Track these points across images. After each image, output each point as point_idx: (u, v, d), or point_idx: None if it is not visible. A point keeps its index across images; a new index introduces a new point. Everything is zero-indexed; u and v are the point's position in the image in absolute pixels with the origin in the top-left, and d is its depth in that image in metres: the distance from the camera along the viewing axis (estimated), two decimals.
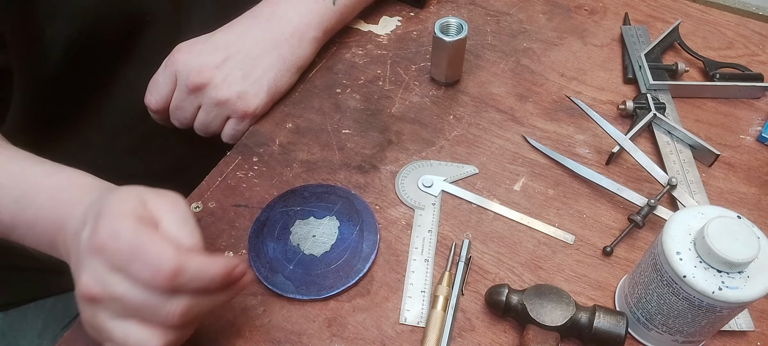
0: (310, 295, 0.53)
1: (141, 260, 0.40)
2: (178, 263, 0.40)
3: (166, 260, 0.40)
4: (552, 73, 0.71)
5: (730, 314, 0.44)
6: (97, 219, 0.42)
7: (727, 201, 0.60)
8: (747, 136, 0.65)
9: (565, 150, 0.64)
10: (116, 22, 0.61)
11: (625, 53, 0.72)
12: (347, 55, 0.73)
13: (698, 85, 0.68)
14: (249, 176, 0.62)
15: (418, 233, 0.57)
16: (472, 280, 0.55)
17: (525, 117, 0.67)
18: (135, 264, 0.40)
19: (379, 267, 0.55)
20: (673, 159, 0.62)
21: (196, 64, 0.61)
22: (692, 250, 0.44)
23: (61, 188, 0.49)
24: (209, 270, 0.42)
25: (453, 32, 0.64)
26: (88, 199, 0.46)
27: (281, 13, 0.65)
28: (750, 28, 0.75)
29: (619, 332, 0.48)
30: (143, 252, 0.40)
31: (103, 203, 0.43)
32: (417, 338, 0.51)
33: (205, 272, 0.41)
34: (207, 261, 0.42)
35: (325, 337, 0.51)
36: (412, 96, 0.69)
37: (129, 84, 0.66)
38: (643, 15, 0.77)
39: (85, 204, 0.46)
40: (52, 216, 0.48)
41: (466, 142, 0.64)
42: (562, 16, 0.77)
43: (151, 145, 0.73)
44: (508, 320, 0.52)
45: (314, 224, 0.57)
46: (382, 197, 0.60)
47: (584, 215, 0.59)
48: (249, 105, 0.63)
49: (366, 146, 0.64)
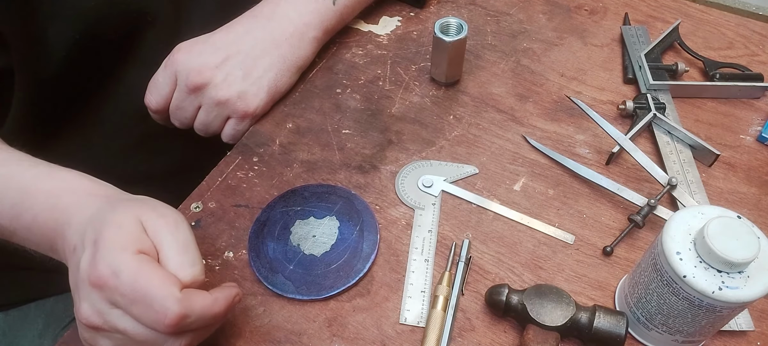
0: (310, 295, 0.53)
1: (143, 305, 0.40)
2: (182, 309, 0.40)
3: (170, 308, 0.40)
4: (552, 73, 0.71)
5: (730, 314, 0.44)
6: (95, 248, 0.41)
7: (727, 201, 0.60)
8: (747, 136, 0.65)
9: (565, 150, 0.64)
10: (117, 23, 0.61)
11: (625, 53, 0.72)
12: (347, 55, 0.73)
13: (698, 85, 0.68)
14: (249, 175, 0.62)
15: (418, 233, 0.57)
16: (472, 280, 0.55)
17: (525, 117, 0.67)
18: (137, 307, 0.40)
19: (379, 267, 0.55)
20: (673, 159, 0.62)
21: (197, 64, 0.61)
22: (692, 250, 0.44)
23: (59, 192, 0.49)
24: (213, 310, 0.42)
25: (453, 32, 0.64)
26: (86, 208, 0.46)
27: (281, 12, 0.65)
28: (750, 28, 0.75)
29: (619, 332, 0.48)
30: (146, 297, 0.40)
31: (102, 227, 0.42)
32: (417, 338, 0.51)
33: (208, 313, 0.42)
34: (210, 301, 0.42)
35: (325, 337, 0.51)
36: (412, 96, 0.69)
37: (129, 84, 0.66)
38: (643, 15, 0.77)
39: (83, 214, 0.45)
40: (50, 221, 0.48)
41: (466, 142, 0.64)
42: (562, 16, 0.77)
43: (152, 146, 0.73)
44: (508, 320, 0.52)
45: (314, 224, 0.57)
46: (382, 197, 0.60)
47: (584, 215, 0.59)
48: (249, 105, 0.63)
49: (366, 146, 0.64)
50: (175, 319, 0.40)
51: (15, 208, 0.49)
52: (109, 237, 0.41)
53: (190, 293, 0.42)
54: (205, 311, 0.42)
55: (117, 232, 0.42)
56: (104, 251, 0.41)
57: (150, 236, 0.43)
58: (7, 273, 0.76)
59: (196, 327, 0.42)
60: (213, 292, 0.44)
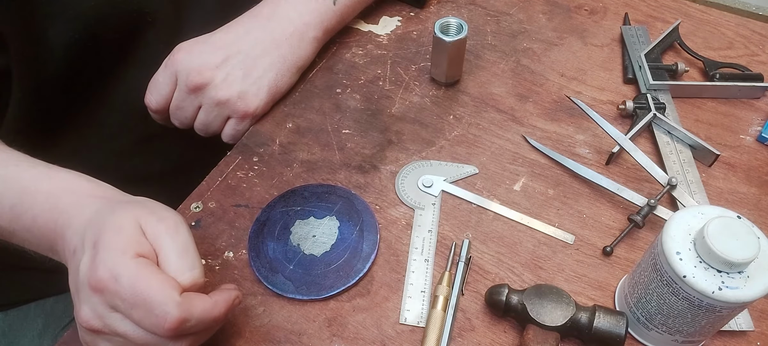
0: (310, 295, 0.53)
1: (143, 309, 0.40)
2: (182, 314, 0.40)
3: (170, 313, 0.40)
4: (552, 73, 0.71)
5: (730, 314, 0.44)
6: (95, 251, 0.41)
7: (727, 201, 0.60)
8: (747, 136, 0.65)
9: (565, 150, 0.64)
10: (117, 23, 0.61)
11: (625, 53, 0.72)
12: (347, 55, 0.73)
13: (698, 85, 0.68)
14: (249, 175, 0.62)
15: (418, 233, 0.57)
16: (472, 280, 0.55)
17: (525, 117, 0.67)
18: (137, 311, 0.40)
19: (379, 267, 0.55)
20: (673, 159, 0.62)
21: (197, 64, 0.61)
22: (692, 250, 0.44)
23: (58, 193, 0.49)
24: (212, 314, 0.42)
25: (453, 32, 0.64)
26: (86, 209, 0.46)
27: (281, 13, 0.65)
28: (750, 28, 0.75)
29: (619, 332, 0.48)
30: (146, 301, 0.40)
31: (101, 230, 0.42)
32: (417, 338, 0.51)
33: (208, 316, 0.42)
34: (210, 305, 0.42)
35: (325, 337, 0.51)
36: (412, 96, 0.69)
37: (129, 84, 0.66)
38: (643, 15, 0.77)
39: (83, 216, 0.45)
40: (49, 223, 0.47)
41: (466, 142, 0.64)
42: (562, 16, 0.77)
43: (152, 146, 0.73)
44: (508, 320, 0.52)
45: (314, 224, 0.57)
46: (382, 197, 0.60)
47: (584, 215, 0.59)
48: (249, 105, 0.63)
49: (366, 146, 0.64)
50: (174, 323, 0.40)
51: (14, 209, 0.49)
52: (109, 240, 0.41)
53: (189, 297, 0.42)
54: (204, 314, 0.42)
55: (116, 235, 0.42)
56: (104, 255, 0.41)
57: (149, 239, 0.43)
58: (7, 273, 0.76)
59: (195, 331, 0.42)
60: (212, 295, 0.44)
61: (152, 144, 0.72)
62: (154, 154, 0.74)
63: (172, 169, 0.74)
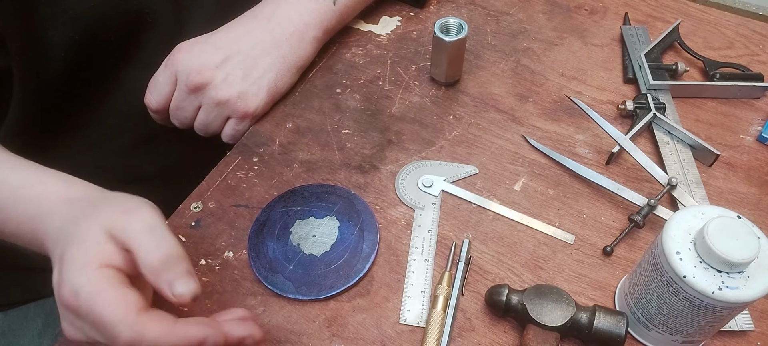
0: (310, 295, 0.53)
1: (99, 327, 0.40)
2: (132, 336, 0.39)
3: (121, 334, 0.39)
4: (552, 73, 0.71)
5: (730, 314, 0.44)
6: (61, 266, 0.41)
7: (727, 201, 0.60)
8: (747, 136, 0.65)
9: (565, 150, 0.64)
10: (117, 23, 0.61)
11: (625, 53, 0.72)
12: (347, 55, 0.73)
13: (698, 85, 0.68)
14: (249, 175, 0.62)
15: (418, 233, 0.57)
16: (472, 280, 0.55)
17: (525, 117, 0.67)
18: (95, 329, 0.40)
19: (379, 267, 0.55)
20: (673, 159, 0.62)
21: (197, 64, 0.61)
22: (692, 250, 0.44)
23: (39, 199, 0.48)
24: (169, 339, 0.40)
25: (453, 32, 0.64)
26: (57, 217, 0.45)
27: (281, 12, 0.65)
28: (750, 28, 0.75)
29: (619, 332, 0.48)
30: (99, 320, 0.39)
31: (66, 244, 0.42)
32: (417, 338, 0.51)
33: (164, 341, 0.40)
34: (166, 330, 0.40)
35: (325, 337, 0.51)
36: (412, 96, 0.69)
37: (129, 84, 0.66)
38: (643, 15, 0.77)
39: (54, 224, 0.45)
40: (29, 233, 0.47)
41: (466, 142, 0.64)
42: (562, 16, 0.77)
43: (152, 146, 0.73)
44: (508, 320, 0.52)
45: (314, 224, 0.57)
46: (382, 197, 0.60)
47: (584, 215, 0.59)
48: (249, 105, 0.63)
49: (366, 146, 0.64)
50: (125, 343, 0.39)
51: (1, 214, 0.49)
52: (72, 256, 0.41)
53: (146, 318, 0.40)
54: (159, 338, 0.40)
55: (79, 249, 0.41)
56: (66, 271, 0.41)
57: (118, 236, 0.42)
58: (7, 273, 0.76)
59: None
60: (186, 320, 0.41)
61: (152, 144, 0.72)
62: (154, 154, 0.74)
63: (172, 169, 0.74)
